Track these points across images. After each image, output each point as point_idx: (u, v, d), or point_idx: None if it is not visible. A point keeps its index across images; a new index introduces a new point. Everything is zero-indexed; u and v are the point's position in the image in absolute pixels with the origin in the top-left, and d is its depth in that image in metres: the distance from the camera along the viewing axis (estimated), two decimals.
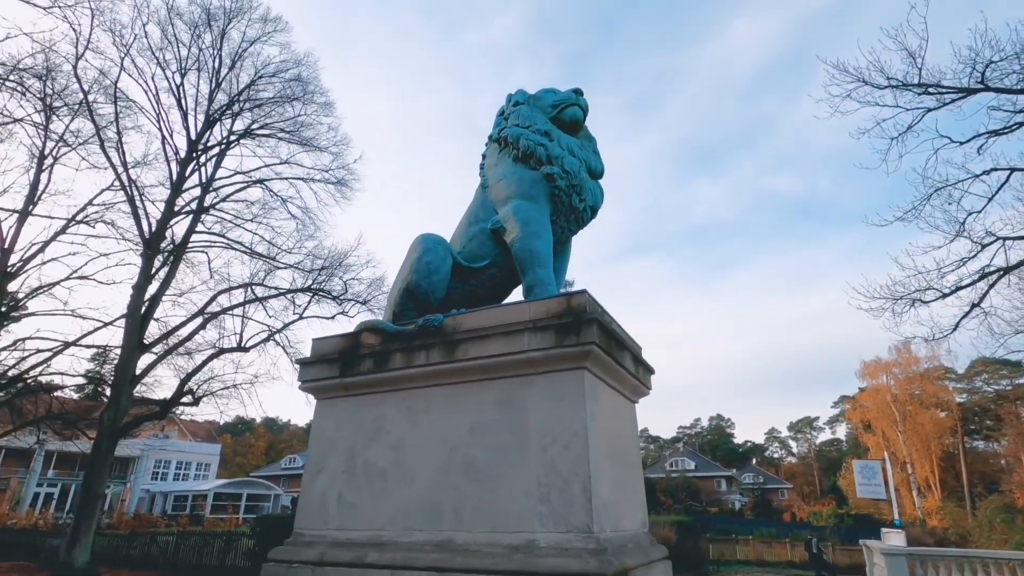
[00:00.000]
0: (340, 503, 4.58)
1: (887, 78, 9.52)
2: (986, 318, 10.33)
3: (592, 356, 4.02)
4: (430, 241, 5.35)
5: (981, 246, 10.04)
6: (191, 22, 18.12)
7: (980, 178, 9.40)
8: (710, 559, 18.84)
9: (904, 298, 10.41)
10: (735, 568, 18.80)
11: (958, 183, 9.39)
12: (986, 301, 10.18)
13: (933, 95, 9.50)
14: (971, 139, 9.07)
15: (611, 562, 3.46)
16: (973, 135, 9.02)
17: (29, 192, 19.64)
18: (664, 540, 17.24)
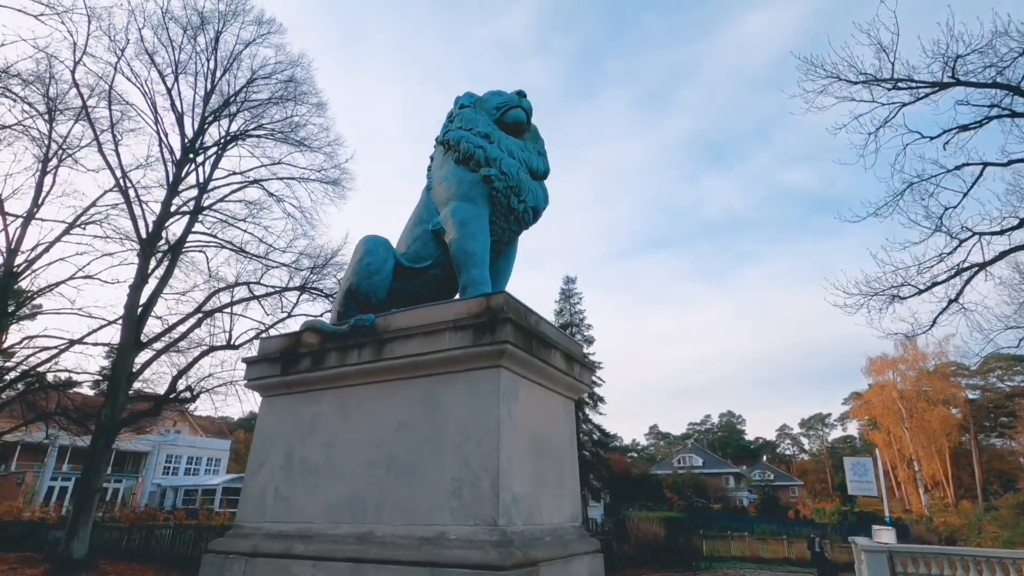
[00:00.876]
0: (276, 497, 4.75)
1: (859, 73, 9.46)
2: (965, 314, 10.25)
3: (508, 354, 4.13)
4: (371, 243, 5.49)
5: (959, 241, 9.96)
6: (185, 25, 18.45)
7: (955, 173, 9.33)
8: (703, 555, 18.85)
9: (881, 294, 10.37)
10: (728, 564, 18.80)
11: (931, 178, 9.32)
12: (964, 297, 10.10)
13: (906, 90, 9.43)
14: (940, 134, 9.00)
15: (513, 554, 3.58)
16: (942, 130, 8.95)
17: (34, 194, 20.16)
18: (653, 536, 17.40)
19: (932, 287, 9.85)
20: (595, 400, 37.27)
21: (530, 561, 3.75)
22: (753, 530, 26.28)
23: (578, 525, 4.98)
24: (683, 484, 51.95)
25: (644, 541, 15.80)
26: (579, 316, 39.65)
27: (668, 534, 16.68)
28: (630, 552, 15.85)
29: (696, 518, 27.99)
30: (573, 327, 39.28)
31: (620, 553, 15.85)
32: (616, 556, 15.83)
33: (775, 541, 21.99)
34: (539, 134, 6.11)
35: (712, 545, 20.42)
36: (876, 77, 9.44)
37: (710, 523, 27.93)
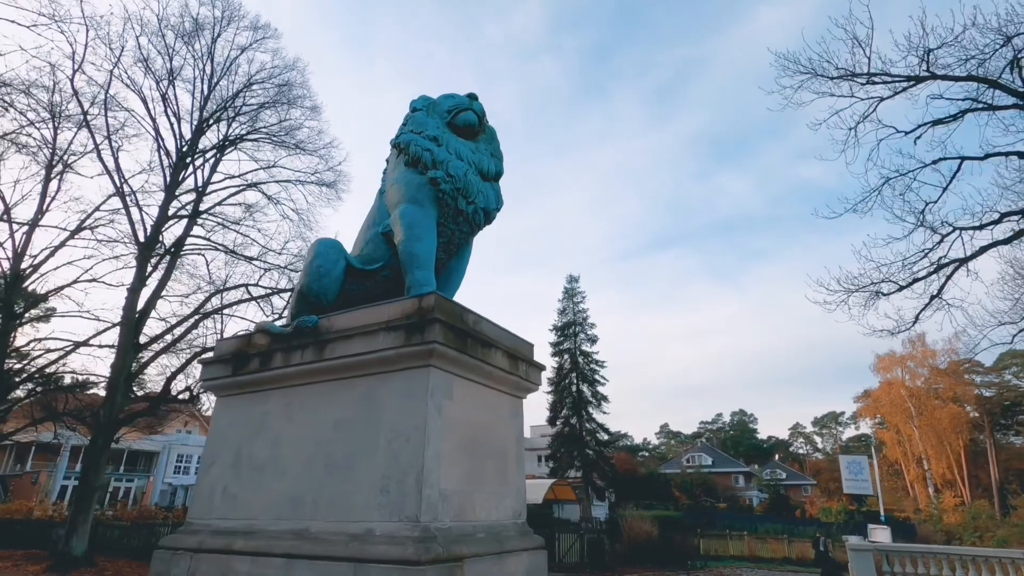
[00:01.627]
0: (224, 495, 4.86)
1: (836, 68, 9.39)
2: (948, 310, 10.13)
3: (437, 354, 4.21)
4: (322, 246, 5.58)
5: (940, 237, 9.84)
6: (181, 32, 18.74)
7: (933, 167, 9.22)
8: (700, 555, 18.78)
9: (862, 291, 10.28)
10: (725, 564, 18.69)
11: (908, 173, 9.22)
12: (947, 292, 9.98)
13: (882, 84, 9.34)
14: (914, 129, 8.90)
15: (432, 550, 3.65)
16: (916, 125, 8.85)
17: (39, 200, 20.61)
18: (646, 535, 17.37)
19: (912, 283, 9.74)
20: (598, 399, 37.22)
21: (453, 557, 3.82)
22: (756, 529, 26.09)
23: (521, 522, 5.04)
24: (691, 483, 51.66)
25: (637, 540, 15.77)
26: (582, 315, 39.61)
27: (663, 533, 16.64)
28: (623, 551, 15.85)
29: (694, 517, 27.83)
30: (576, 326, 39.26)
31: (613, 552, 15.87)
32: (609, 555, 15.85)
33: (775, 540, 21.80)
34: (495, 135, 6.17)
35: (710, 544, 20.33)
36: (853, 72, 9.36)
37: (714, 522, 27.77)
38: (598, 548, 15.67)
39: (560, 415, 37.16)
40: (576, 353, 38.46)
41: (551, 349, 39.19)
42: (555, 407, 37.34)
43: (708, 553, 19.35)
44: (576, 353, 38.46)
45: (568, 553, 15.24)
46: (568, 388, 37.58)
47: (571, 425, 36.60)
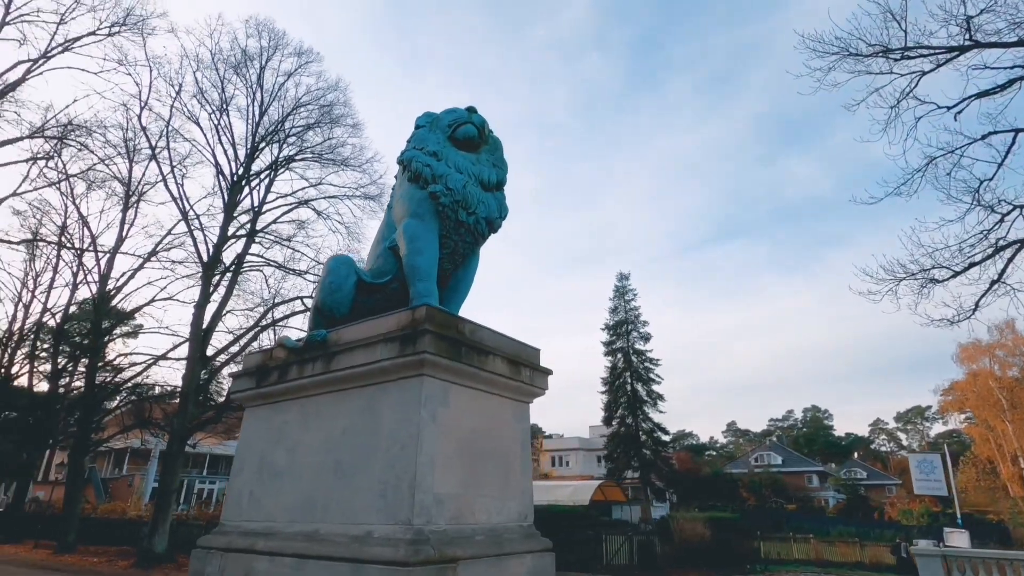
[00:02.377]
0: (250, 498, 5.25)
1: (868, 45, 8.86)
2: (1013, 295, 9.34)
3: (429, 363, 4.38)
4: (334, 263, 5.91)
5: (1000, 216, 9.09)
6: (232, 63, 20.05)
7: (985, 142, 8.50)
8: (760, 558, 18.06)
9: (912, 278, 9.63)
10: (788, 568, 17.86)
11: (956, 150, 8.54)
12: (1009, 276, 9.20)
13: (923, 56, 8.73)
14: (956, 104, 8.23)
15: (423, 551, 3.82)
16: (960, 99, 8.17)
17: (119, 229, 22.65)
18: (698, 537, 16.88)
19: (969, 268, 9.02)
20: (654, 398, 36.50)
21: (446, 559, 3.97)
22: (829, 532, 24.73)
23: (527, 524, 5.13)
24: (759, 483, 49.55)
25: (688, 542, 15.38)
26: (634, 313, 38.98)
27: (717, 535, 16.13)
28: (673, 553, 15.50)
29: (754, 518, 26.70)
30: (628, 324, 38.70)
31: (663, 554, 15.55)
32: (659, 557, 15.55)
33: (845, 544, 20.58)
34: (498, 145, 6.31)
35: (772, 547, 19.46)
36: (887, 47, 8.79)
37: (779, 523, 26.56)
38: (648, 550, 15.41)
39: (615, 415, 36.74)
40: (629, 352, 37.91)
41: (604, 348, 38.85)
42: (610, 407, 36.96)
43: (769, 556, 18.58)
44: (629, 352, 37.91)
45: (616, 555, 15.09)
46: (622, 387, 37.09)
47: (627, 425, 36.10)
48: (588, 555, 14.22)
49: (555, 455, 57.00)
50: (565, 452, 56.82)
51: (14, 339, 32.51)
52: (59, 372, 26.23)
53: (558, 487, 20.22)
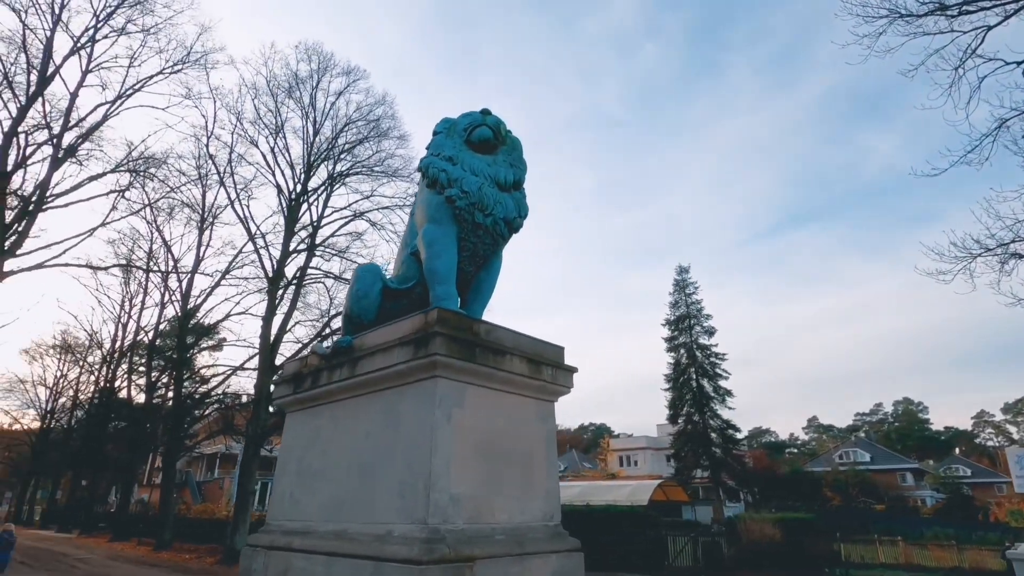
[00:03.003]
0: (291, 499, 5.53)
1: (921, 3, 8.14)
2: None
3: (441, 365, 4.45)
4: (361, 271, 6.12)
5: None
6: (286, 88, 21.19)
7: None
8: (841, 561, 16.92)
9: (990, 254, 8.75)
10: (873, 572, 16.59)
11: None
12: None
13: (988, 9, 7.91)
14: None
15: (437, 550, 3.89)
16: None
17: (196, 251, 24.49)
18: (767, 538, 16.03)
19: None
20: (721, 395, 35.11)
21: (462, 557, 4.01)
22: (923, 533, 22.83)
23: (553, 524, 5.08)
24: (844, 482, 46.48)
25: (756, 543, 14.63)
26: (696, 307, 37.68)
27: (790, 536, 15.27)
28: (739, 555, 14.79)
29: (834, 519, 25.00)
30: (691, 318, 37.46)
31: (729, 555, 14.88)
32: (725, 558, 14.89)
33: (940, 547, 18.83)
34: (517, 145, 6.32)
35: (853, 550, 18.15)
36: (943, 3, 8.05)
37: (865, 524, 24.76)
38: (714, 551, 14.80)
39: (681, 412, 35.65)
40: (693, 347, 36.68)
41: (666, 345, 37.80)
42: (674, 404, 35.90)
43: (850, 559, 17.38)
44: (693, 347, 36.68)
45: (679, 556, 14.58)
46: (687, 384, 35.93)
47: (693, 422, 34.93)
48: (650, 556, 13.84)
49: (623, 455, 56.04)
50: (633, 451, 55.74)
51: (115, 356, 35.81)
52: (153, 385, 28.70)
53: (616, 487, 19.82)
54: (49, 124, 15.41)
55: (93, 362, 41.63)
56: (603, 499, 17.22)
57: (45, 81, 14.59)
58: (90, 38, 16.42)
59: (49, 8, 15.55)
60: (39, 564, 16.94)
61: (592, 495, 17.88)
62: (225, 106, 20.66)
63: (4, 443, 56.84)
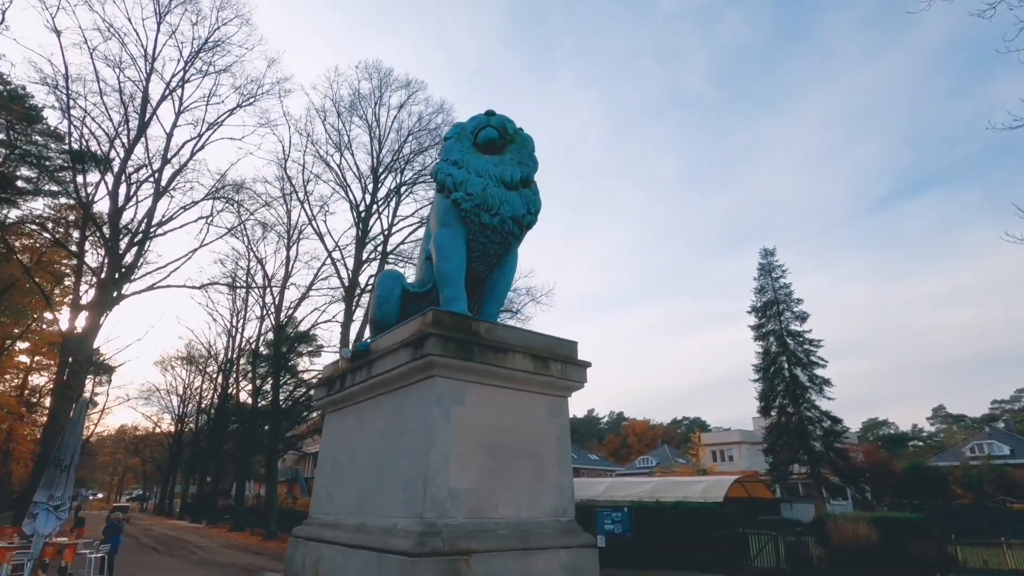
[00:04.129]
0: (327, 495, 5.93)
1: None
2: None
3: (438, 364, 4.59)
4: (382, 277, 6.42)
5: None
6: (350, 107, 22.44)
7: None
8: (958, 565, 15.11)
9: None
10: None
11: None
12: None
13: None
14: None
15: (430, 544, 4.03)
16: None
17: (285, 266, 26.59)
18: (862, 539, 14.63)
19: None
20: (818, 384, 32.56)
21: (458, 551, 4.12)
22: None
23: (565, 520, 5.06)
24: (977, 478, 41.38)
25: (847, 544, 13.39)
26: (784, 291, 35.21)
27: (886, 537, 13.86)
28: (830, 556, 13.60)
29: (951, 519, 22.29)
30: (779, 304, 35.08)
31: (818, 556, 13.72)
32: (814, 560, 13.76)
33: None
34: (527, 142, 6.36)
35: (975, 554, 16.06)
36: None
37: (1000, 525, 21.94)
38: (800, 551, 13.76)
39: (773, 404, 33.47)
40: (783, 334, 34.32)
41: (753, 333, 35.65)
42: (766, 396, 33.78)
43: (967, 563, 15.48)
44: (783, 334, 34.32)
45: (759, 556, 13.69)
46: (778, 374, 33.68)
47: (787, 414, 32.68)
48: (724, 556, 13.12)
49: (716, 449, 53.58)
50: (727, 446, 53.12)
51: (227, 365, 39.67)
52: (258, 390, 31.53)
53: (688, 483, 18.96)
54: (151, 163, 17.52)
55: (212, 371, 46.43)
56: (672, 496, 16.60)
57: (143, 126, 16.63)
58: (180, 81, 18.44)
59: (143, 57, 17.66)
60: (166, 550, 19.28)
61: (663, 492, 17.29)
62: (297, 130, 22.48)
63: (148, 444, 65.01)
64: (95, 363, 43.33)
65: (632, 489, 18.13)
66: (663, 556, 13.09)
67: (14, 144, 22.50)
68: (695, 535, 13.17)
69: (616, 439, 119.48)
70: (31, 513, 10.53)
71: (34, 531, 10.49)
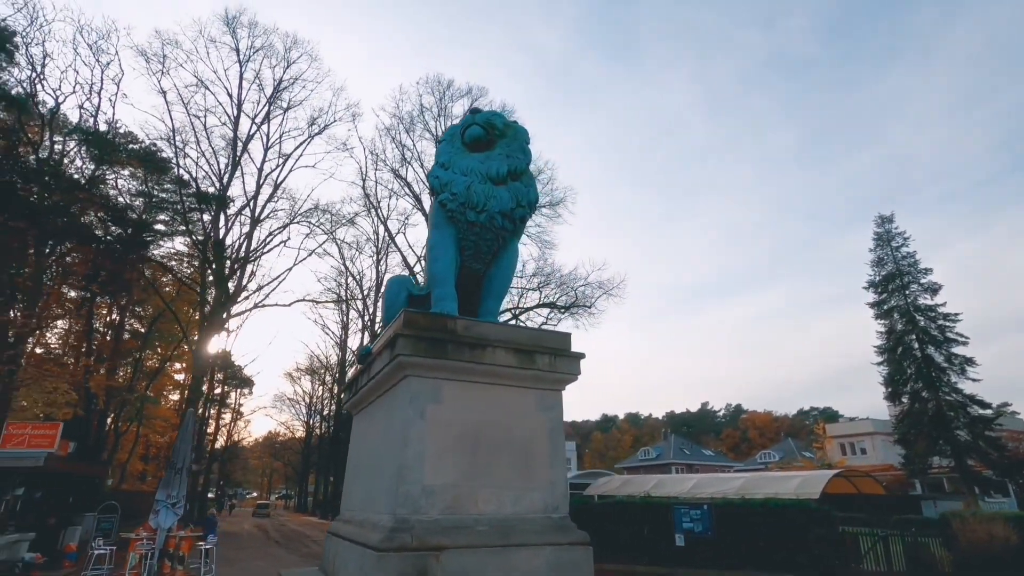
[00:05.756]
0: (347, 492, 6.29)
1: None
2: None
3: (409, 364, 4.69)
4: (390, 282, 6.66)
5: None
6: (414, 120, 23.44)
7: None
8: None
9: None
10: None
11: None
12: None
13: None
14: None
15: (397, 539, 4.13)
16: None
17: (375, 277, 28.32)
18: (1000, 539, 12.40)
19: None
20: (958, 364, 28.37)
21: (427, 547, 4.18)
22: None
23: (557, 516, 4.92)
24: None
25: (978, 546, 11.39)
26: (908, 260, 31.16)
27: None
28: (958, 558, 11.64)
29: None
30: (903, 276, 31.13)
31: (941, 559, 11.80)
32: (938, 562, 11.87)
33: None
34: (518, 134, 6.33)
35: None
36: None
37: None
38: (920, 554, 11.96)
39: (903, 389, 29.73)
40: (909, 309, 30.39)
41: (872, 311, 31.96)
42: (892, 380, 30.10)
43: None
44: (909, 309, 30.39)
45: (864, 558, 12.08)
46: (907, 354, 29.85)
47: (921, 400, 28.85)
48: (822, 557, 11.74)
49: (844, 441, 48.49)
50: (857, 438, 47.87)
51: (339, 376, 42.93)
52: None
53: (782, 478, 17.18)
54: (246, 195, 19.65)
55: (328, 381, 50.66)
56: (764, 492, 15.20)
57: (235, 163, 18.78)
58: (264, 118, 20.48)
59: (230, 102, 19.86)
60: (285, 543, 21.35)
61: (753, 488, 15.88)
62: (371, 151, 23.81)
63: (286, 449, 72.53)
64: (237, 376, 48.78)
65: (721, 486, 16.94)
66: (751, 557, 12.07)
67: (151, 194, 26.25)
68: (787, 534, 11.98)
69: (734, 433, 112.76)
70: (154, 510, 12.13)
71: (157, 525, 12.06)
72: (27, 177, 20.50)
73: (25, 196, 17.22)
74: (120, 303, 28.02)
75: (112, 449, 29.36)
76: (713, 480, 18.83)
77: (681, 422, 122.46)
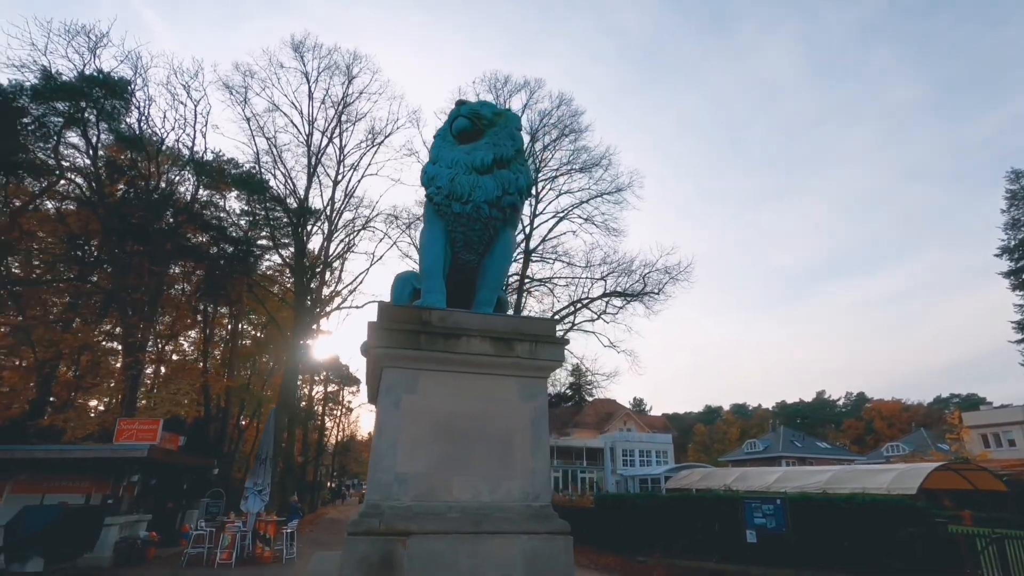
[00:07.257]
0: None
1: None
2: None
3: (381, 356, 4.85)
4: (396, 279, 6.89)
5: None
6: None
7: None
8: None
9: None
10: None
11: None
12: None
13: None
14: None
15: (365, 524, 4.32)
16: None
17: None
18: None
19: None
20: None
21: (394, 532, 4.32)
22: None
23: (538, 505, 4.84)
24: None
25: None
26: None
27: None
28: None
29: None
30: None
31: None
32: None
33: None
34: (509, 121, 6.31)
35: None
36: None
37: None
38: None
39: None
40: None
41: (1008, 281, 27.76)
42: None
43: None
44: None
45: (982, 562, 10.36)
46: None
47: None
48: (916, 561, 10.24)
49: (987, 432, 42.46)
50: (1003, 427, 41.70)
51: None
52: None
53: (874, 472, 15.07)
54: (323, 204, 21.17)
55: None
56: (851, 487, 13.56)
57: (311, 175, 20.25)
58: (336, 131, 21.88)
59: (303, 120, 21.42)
60: None
61: (841, 482, 14.19)
62: None
63: None
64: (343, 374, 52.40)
65: (806, 479, 15.41)
66: (834, 557, 10.89)
67: (255, 213, 29.06)
68: (875, 534, 10.65)
69: (858, 424, 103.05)
70: (244, 496, 13.44)
71: (246, 510, 13.37)
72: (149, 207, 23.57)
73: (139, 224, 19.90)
74: (234, 313, 31.31)
75: (235, 442, 32.88)
76: (799, 473, 17.27)
77: (794, 412, 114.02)
